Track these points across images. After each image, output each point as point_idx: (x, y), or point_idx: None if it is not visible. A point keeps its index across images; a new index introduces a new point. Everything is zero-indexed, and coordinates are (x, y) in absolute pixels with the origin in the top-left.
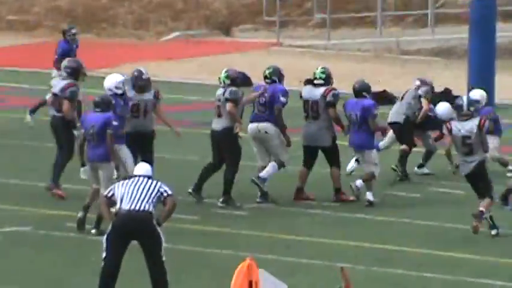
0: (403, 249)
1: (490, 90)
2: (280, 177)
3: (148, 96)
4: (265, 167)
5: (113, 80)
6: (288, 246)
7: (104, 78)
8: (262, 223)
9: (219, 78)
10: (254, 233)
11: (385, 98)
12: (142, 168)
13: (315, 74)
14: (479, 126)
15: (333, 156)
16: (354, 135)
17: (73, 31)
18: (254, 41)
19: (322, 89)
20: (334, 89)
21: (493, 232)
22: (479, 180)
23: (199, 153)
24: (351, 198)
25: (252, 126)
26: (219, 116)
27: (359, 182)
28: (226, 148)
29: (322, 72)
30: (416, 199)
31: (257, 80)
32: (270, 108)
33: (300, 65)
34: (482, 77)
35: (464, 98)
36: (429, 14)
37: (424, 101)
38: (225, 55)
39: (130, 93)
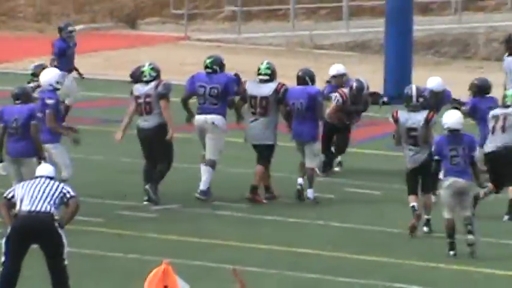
0: (318, 252)
1: (406, 85)
2: (188, 178)
3: None
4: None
5: (52, 74)
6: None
7: (3, 73)
8: (170, 226)
9: (143, 71)
10: (161, 236)
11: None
12: (45, 169)
13: (259, 69)
14: (427, 120)
15: (268, 155)
16: (299, 126)
17: (70, 28)
18: (161, 35)
19: (272, 85)
20: (284, 84)
21: (425, 229)
22: (424, 175)
23: (104, 152)
24: (264, 201)
25: (200, 118)
26: (149, 112)
27: (310, 192)
28: (159, 145)
29: (267, 68)
30: (331, 200)
31: (164, 75)
32: (223, 100)
33: None
34: (399, 72)
35: (414, 88)
36: (343, 7)
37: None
38: (131, 49)
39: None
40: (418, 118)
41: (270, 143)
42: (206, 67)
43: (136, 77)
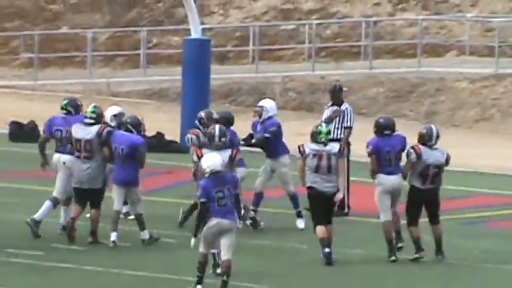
0: None
1: None
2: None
3: None
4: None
5: None
6: None
7: None
8: None
9: None
10: None
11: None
12: None
13: (85, 113)
14: (231, 157)
15: (99, 198)
16: (120, 171)
17: None
18: None
19: (96, 127)
20: (108, 126)
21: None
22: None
23: None
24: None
25: (55, 156)
26: None
27: (114, 235)
28: None
29: (93, 112)
30: (126, 248)
31: None
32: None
33: (5, 106)
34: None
35: (217, 128)
36: (141, 54)
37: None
38: None
39: None
40: (223, 156)
41: (98, 187)
42: (62, 108)
43: None
